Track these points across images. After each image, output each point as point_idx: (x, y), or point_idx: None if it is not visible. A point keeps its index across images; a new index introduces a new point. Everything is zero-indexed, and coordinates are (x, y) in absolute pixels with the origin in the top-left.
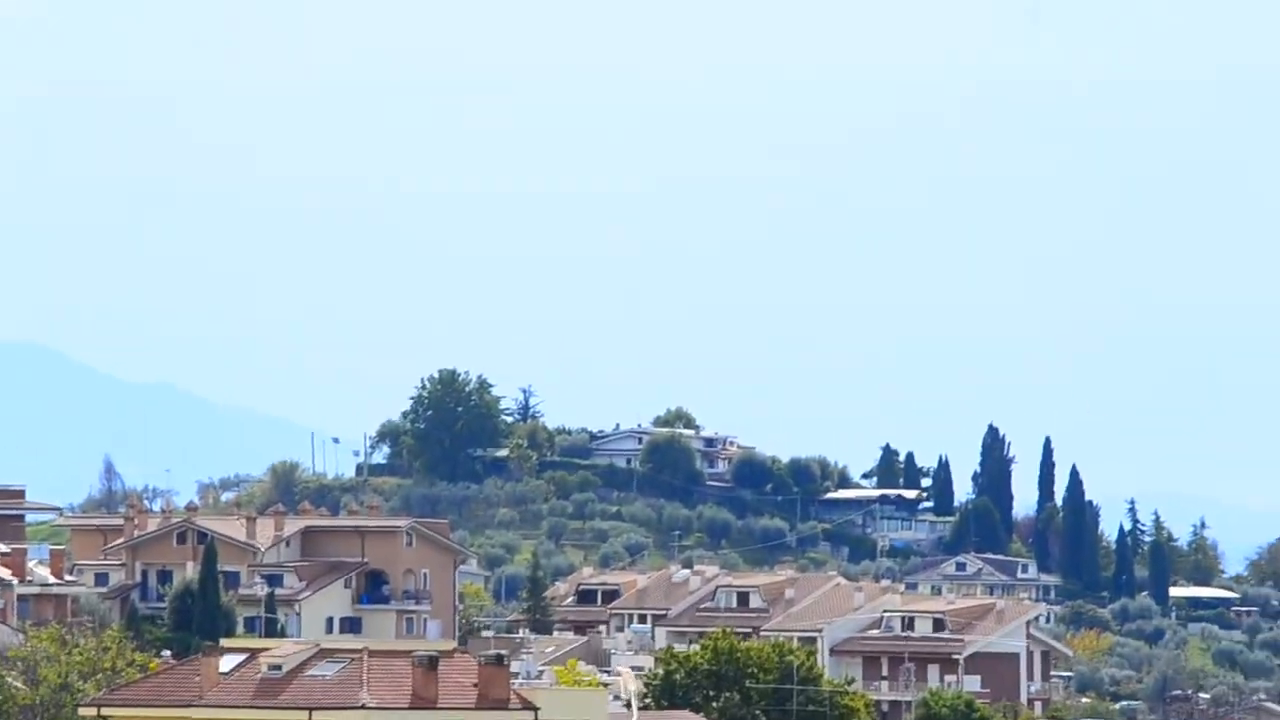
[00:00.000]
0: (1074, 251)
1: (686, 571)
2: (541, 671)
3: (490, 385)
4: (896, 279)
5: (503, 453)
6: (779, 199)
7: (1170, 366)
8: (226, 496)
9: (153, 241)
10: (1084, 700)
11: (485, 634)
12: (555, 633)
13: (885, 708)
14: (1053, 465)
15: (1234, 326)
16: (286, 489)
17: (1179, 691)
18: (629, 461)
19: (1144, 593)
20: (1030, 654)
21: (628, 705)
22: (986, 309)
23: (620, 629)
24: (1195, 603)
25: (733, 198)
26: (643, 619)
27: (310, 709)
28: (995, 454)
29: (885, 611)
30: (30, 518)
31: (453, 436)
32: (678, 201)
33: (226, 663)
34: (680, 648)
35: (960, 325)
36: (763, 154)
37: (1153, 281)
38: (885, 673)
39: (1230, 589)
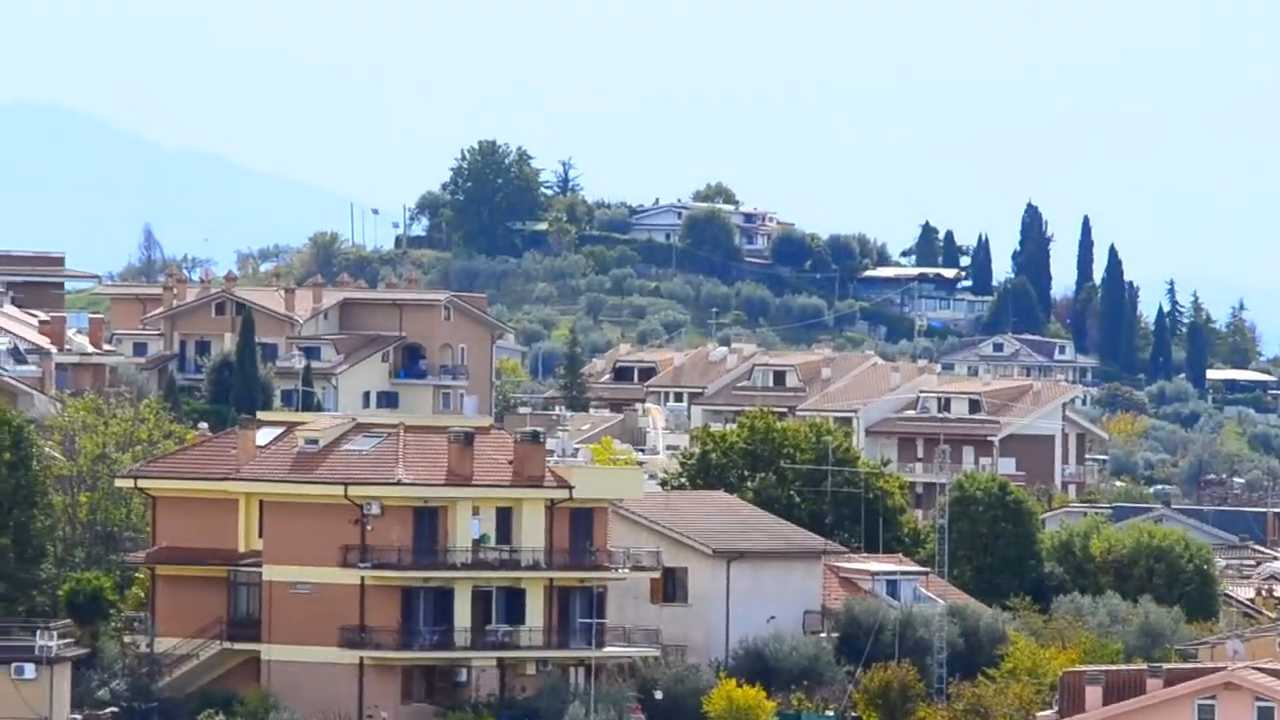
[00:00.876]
0: (1118, 27)
1: (724, 350)
2: (577, 449)
3: (530, 157)
4: (940, 53)
5: (542, 226)
6: None
7: (1211, 147)
8: (265, 267)
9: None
10: (1118, 484)
11: (521, 410)
12: (591, 410)
13: (919, 489)
14: (1091, 245)
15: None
16: (325, 260)
17: (1213, 475)
18: (668, 237)
19: (1181, 375)
20: (1065, 436)
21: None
22: (1028, 85)
23: (657, 406)
24: (1232, 385)
25: None
26: (679, 397)
27: (346, 483)
28: (1034, 233)
29: (921, 392)
30: (69, 285)
31: (491, 209)
32: None
33: (263, 436)
34: (716, 427)
35: (1002, 101)
36: None
37: (1195, 61)
38: (920, 454)
39: (1268, 372)
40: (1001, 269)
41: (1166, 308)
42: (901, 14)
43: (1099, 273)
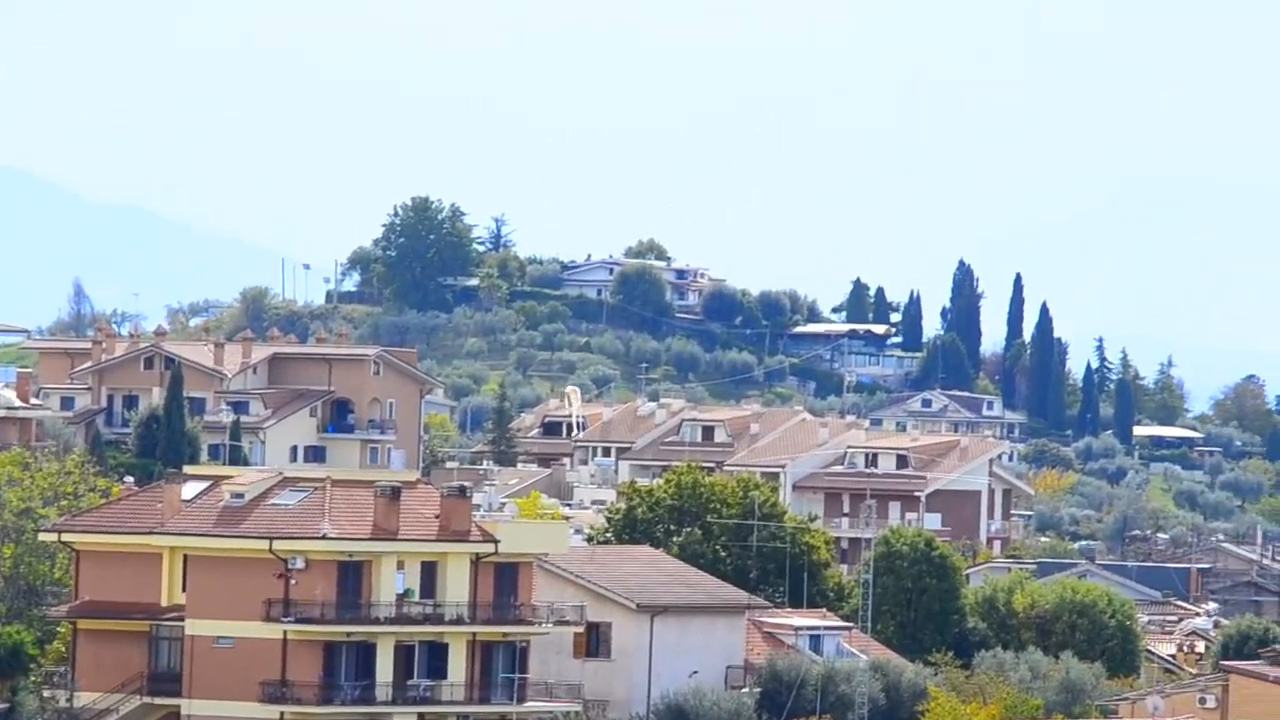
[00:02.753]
0: (1047, 89)
1: (652, 405)
2: (504, 504)
3: (463, 213)
4: (870, 110)
5: (473, 282)
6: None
7: (1141, 205)
8: (195, 322)
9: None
10: (1043, 539)
11: (449, 465)
12: (519, 465)
13: (845, 544)
14: (1022, 302)
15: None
16: (256, 315)
17: (1138, 532)
18: (599, 292)
19: (1109, 431)
20: (992, 492)
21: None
22: (960, 142)
23: (584, 462)
24: (1159, 442)
25: (708, 26)
26: (607, 452)
27: (271, 538)
28: (965, 289)
29: (849, 448)
30: None
31: (424, 264)
32: (653, 29)
33: (189, 490)
34: (643, 482)
35: (934, 158)
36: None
37: (1124, 121)
38: (847, 509)
39: (1194, 429)
40: (932, 326)
41: (1095, 364)
42: (833, 73)
43: (1029, 330)
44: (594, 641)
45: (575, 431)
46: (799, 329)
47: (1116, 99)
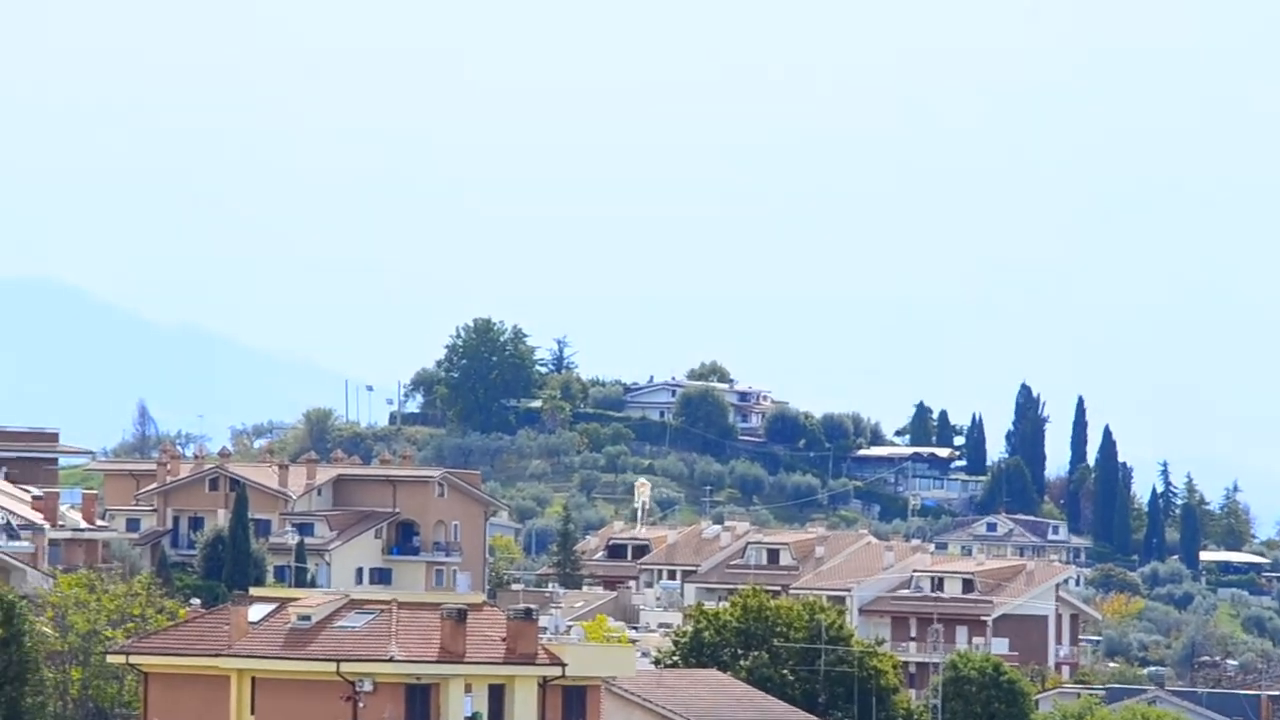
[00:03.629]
0: (1110, 209)
1: (717, 527)
2: (570, 626)
3: (525, 335)
4: (932, 234)
5: (536, 404)
6: (812, 153)
7: (1207, 328)
8: (259, 443)
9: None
10: (1111, 665)
11: (515, 587)
12: (585, 587)
13: (913, 669)
14: (1085, 425)
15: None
16: (320, 436)
17: (1207, 657)
18: (662, 414)
19: (1174, 556)
20: (1059, 617)
21: (638, 514)
22: (1024, 266)
23: (649, 584)
24: (1226, 567)
25: (770, 154)
26: (672, 575)
27: (339, 660)
28: (1029, 413)
29: (915, 571)
30: (63, 461)
31: (486, 386)
32: (715, 158)
33: (255, 612)
34: (709, 604)
35: (997, 282)
36: (794, 112)
37: (1187, 242)
38: (914, 633)
39: (1261, 554)
40: (996, 449)
41: (1160, 489)
42: (898, 192)
43: (1093, 453)
44: None
45: (642, 517)
46: (862, 452)
47: (1180, 219)
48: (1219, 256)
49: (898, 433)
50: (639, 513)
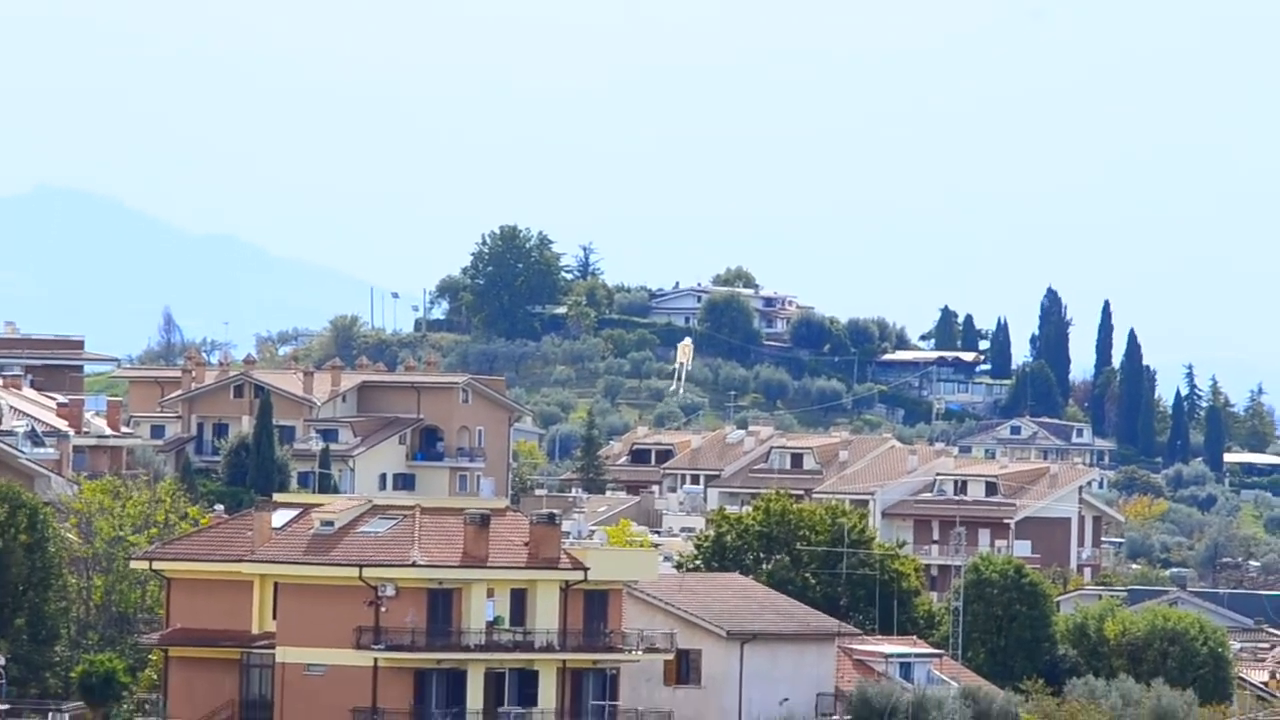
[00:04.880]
0: (1137, 112)
1: (741, 432)
2: (593, 531)
3: (551, 241)
4: (959, 139)
5: (561, 310)
6: (837, 60)
7: (1232, 231)
8: (284, 350)
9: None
10: (1134, 566)
11: (538, 493)
12: (608, 492)
13: (935, 571)
14: (1111, 329)
15: None
16: (345, 344)
17: (1229, 559)
18: (687, 320)
19: (1198, 459)
20: (1082, 519)
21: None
22: (1047, 169)
23: (673, 489)
24: (1249, 469)
25: (792, 60)
26: (695, 479)
27: (361, 565)
28: (1053, 317)
29: (938, 475)
30: (88, 368)
31: (512, 293)
32: (744, 65)
33: (279, 518)
34: (732, 509)
35: (1022, 185)
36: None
37: (1216, 145)
38: (936, 536)
39: None
40: (1020, 353)
41: (1185, 391)
42: (921, 107)
43: (1118, 357)
44: (684, 669)
45: (680, 379)
46: (887, 356)
47: (1212, 127)
48: (1249, 161)
49: (922, 337)
50: (678, 372)
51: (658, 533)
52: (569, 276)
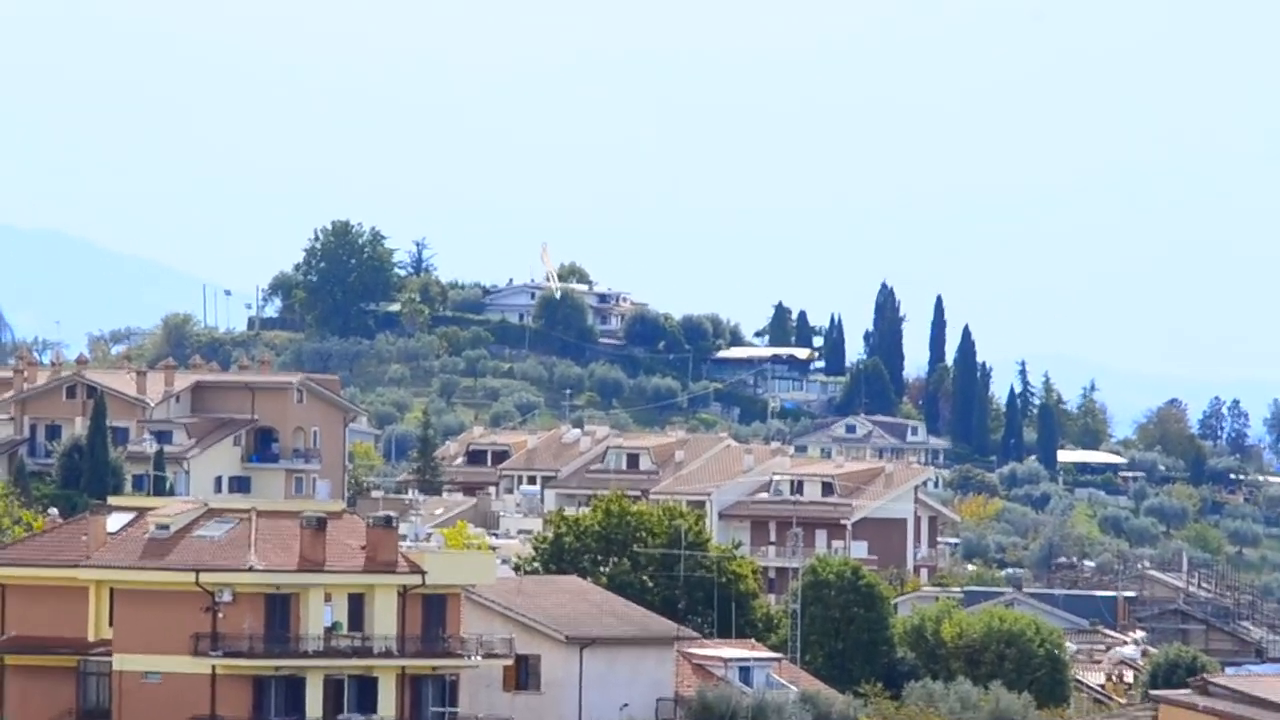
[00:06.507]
0: (968, 109)
1: (577, 432)
2: (430, 534)
3: (384, 237)
4: (790, 133)
5: (395, 307)
6: (668, 58)
7: (1065, 228)
8: (117, 349)
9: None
10: (970, 567)
11: (375, 494)
12: (445, 494)
13: (772, 574)
14: (944, 325)
15: (1128, 189)
16: (178, 342)
17: (1064, 559)
18: (522, 317)
19: (1032, 457)
20: (918, 519)
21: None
22: (880, 164)
23: (510, 490)
24: (1083, 468)
25: (626, 59)
26: (532, 480)
27: (197, 570)
28: (888, 313)
29: (774, 475)
30: None
31: (345, 290)
32: (572, 60)
33: (114, 522)
34: (570, 510)
35: (855, 181)
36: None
37: (1045, 142)
38: (773, 537)
39: (1118, 454)
40: (855, 350)
41: (1018, 389)
42: (756, 96)
43: (952, 353)
44: (523, 674)
45: (551, 277)
46: (722, 354)
47: (1042, 114)
48: (1076, 154)
49: (757, 334)
50: (549, 275)
51: (495, 535)
52: (402, 273)
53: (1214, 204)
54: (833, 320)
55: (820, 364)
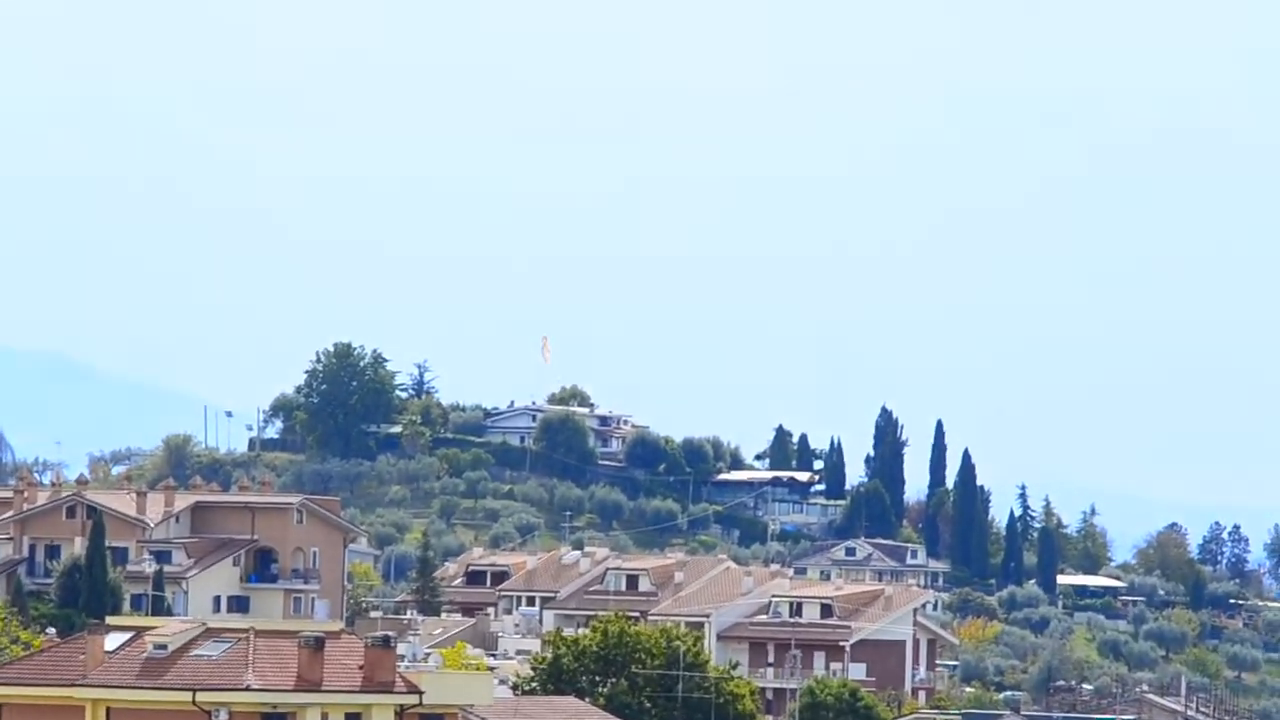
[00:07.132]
0: (967, 234)
1: (576, 553)
2: (428, 654)
3: (385, 359)
4: (792, 259)
5: (396, 429)
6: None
7: (1064, 353)
8: (117, 470)
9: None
10: (968, 690)
11: (373, 615)
12: (444, 614)
13: (770, 695)
14: (945, 449)
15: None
16: (179, 463)
17: (1062, 682)
18: (522, 439)
19: (1032, 580)
20: (917, 641)
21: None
22: (880, 289)
23: (509, 611)
24: (1082, 591)
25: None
26: (531, 601)
27: (195, 689)
28: (888, 437)
29: (773, 597)
30: None
31: (346, 411)
32: (574, 184)
33: (112, 641)
34: (568, 631)
35: (856, 306)
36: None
37: (1044, 266)
38: (771, 659)
39: (1118, 577)
40: (855, 473)
41: (1018, 512)
42: (754, 223)
43: (952, 477)
44: None
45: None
46: (722, 476)
47: (1042, 248)
48: (1075, 280)
49: (758, 456)
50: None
51: (494, 655)
52: (403, 395)
53: (1215, 332)
54: (833, 443)
55: (820, 487)
